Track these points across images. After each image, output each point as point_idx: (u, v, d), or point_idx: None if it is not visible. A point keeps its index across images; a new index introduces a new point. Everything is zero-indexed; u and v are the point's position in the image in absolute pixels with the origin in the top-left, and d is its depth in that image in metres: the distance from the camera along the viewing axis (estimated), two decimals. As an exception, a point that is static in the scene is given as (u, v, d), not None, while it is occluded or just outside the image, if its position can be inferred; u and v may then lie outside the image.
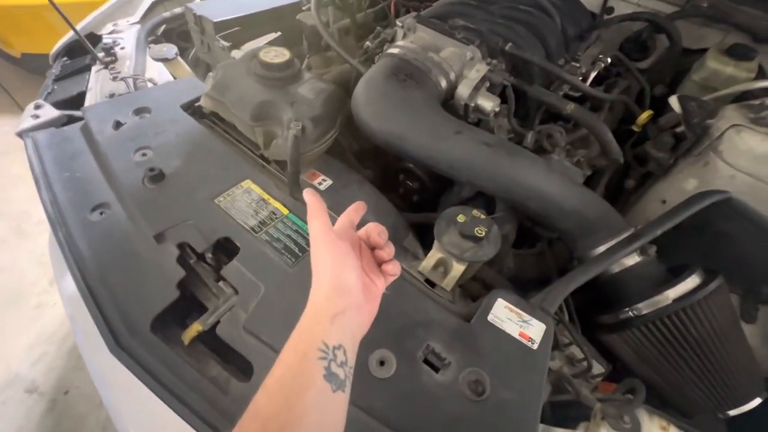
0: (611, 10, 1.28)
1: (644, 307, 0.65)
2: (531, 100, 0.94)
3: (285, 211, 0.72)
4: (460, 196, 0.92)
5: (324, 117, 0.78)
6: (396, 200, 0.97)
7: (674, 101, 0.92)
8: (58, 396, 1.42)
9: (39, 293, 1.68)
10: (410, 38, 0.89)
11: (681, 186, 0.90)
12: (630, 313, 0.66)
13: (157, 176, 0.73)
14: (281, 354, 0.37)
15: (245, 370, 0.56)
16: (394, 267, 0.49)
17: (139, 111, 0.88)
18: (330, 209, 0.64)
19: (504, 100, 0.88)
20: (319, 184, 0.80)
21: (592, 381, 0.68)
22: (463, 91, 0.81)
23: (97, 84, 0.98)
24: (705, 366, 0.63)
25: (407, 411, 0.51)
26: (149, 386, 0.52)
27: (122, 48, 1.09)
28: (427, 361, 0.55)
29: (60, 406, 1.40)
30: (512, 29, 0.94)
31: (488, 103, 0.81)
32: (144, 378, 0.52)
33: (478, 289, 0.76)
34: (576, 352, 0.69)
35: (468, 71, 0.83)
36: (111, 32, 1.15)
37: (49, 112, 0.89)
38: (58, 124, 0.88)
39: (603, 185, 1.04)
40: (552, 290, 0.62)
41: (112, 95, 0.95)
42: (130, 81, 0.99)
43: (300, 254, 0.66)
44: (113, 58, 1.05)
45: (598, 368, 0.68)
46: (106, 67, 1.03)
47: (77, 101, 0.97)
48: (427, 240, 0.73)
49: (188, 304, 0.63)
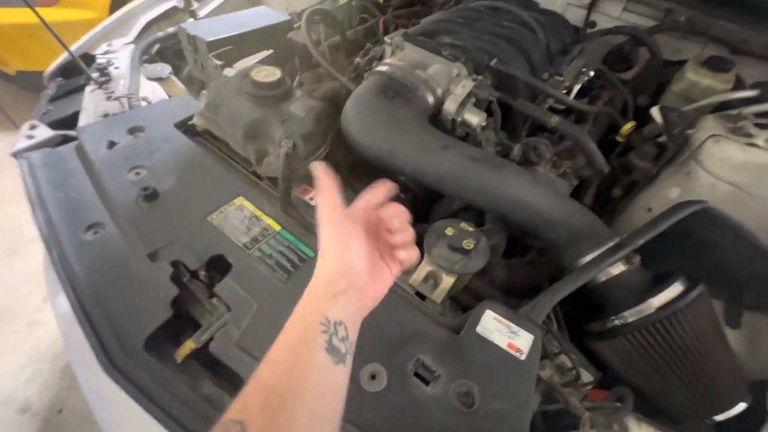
0: (594, 24, 1.33)
1: (630, 316, 0.66)
2: (517, 114, 0.96)
3: (277, 227, 0.73)
4: (451, 208, 0.94)
5: (315, 134, 0.80)
6: (388, 212, 0.98)
7: (656, 112, 0.95)
8: (52, 415, 1.41)
9: (32, 311, 1.67)
10: (398, 55, 0.92)
11: (665, 195, 0.92)
12: (616, 322, 0.68)
13: (151, 195, 0.74)
14: (284, 328, 0.37)
15: (239, 387, 0.56)
16: (407, 254, 0.47)
17: (133, 130, 0.89)
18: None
19: (490, 114, 0.90)
20: (311, 200, 0.81)
21: (583, 389, 0.70)
22: (450, 107, 0.83)
23: (92, 104, 1.00)
24: (690, 372, 0.64)
25: (399, 424, 0.52)
26: (143, 405, 0.52)
27: (116, 68, 1.11)
28: (418, 374, 0.56)
29: (53, 426, 1.39)
30: (497, 45, 0.98)
31: (474, 118, 0.83)
32: (138, 397, 0.53)
33: (470, 300, 0.77)
34: (566, 361, 0.70)
35: (454, 87, 0.85)
36: (105, 52, 1.17)
37: (44, 133, 0.90)
38: (53, 144, 0.90)
39: (592, 194, 1.06)
40: (539, 301, 0.63)
41: (107, 115, 0.96)
42: (125, 100, 1.00)
43: (292, 270, 0.67)
44: (107, 78, 1.07)
45: (589, 376, 0.70)
46: (101, 87, 1.04)
47: (72, 121, 0.98)
48: (420, 250, 0.74)
49: (182, 322, 0.64)
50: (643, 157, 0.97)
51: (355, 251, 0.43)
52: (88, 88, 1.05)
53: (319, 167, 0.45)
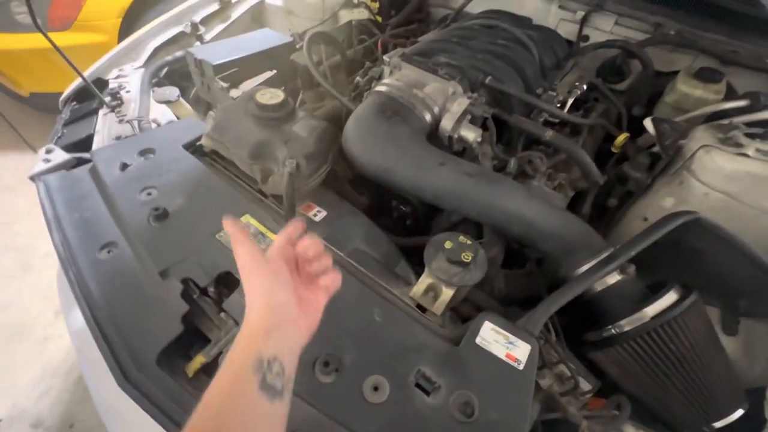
0: (586, 38, 1.36)
1: (626, 324, 0.68)
2: (513, 128, 0.99)
3: (282, 244, 0.76)
4: (450, 220, 0.97)
5: (317, 153, 0.84)
6: (390, 224, 1.01)
7: (648, 123, 0.98)
8: (63, 430, 1.43)
9: (44, 326, 1.71)
10: (396, 75, 0.96)
11: (660, 204, 0.94)
12: (613, 331, 0.69)
13: (162, 215, 0.78)
14: (217, 373, 0.39)
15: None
16: (328, 279, 0.50)
17: (144, 152, 0.93)
18: (325, 239, 0.68)
19: (486, 130, 0.93)
20: (315, 216, 0.84)
21: (582, 398, 0.71)
22: (447, 124, 0.87)
23: (105, 127, 1.04)
24: (686, 379, 0.65)
25: (401, 434, 0.54)
26: (156, 419, 0.55)
27: (128, 92, 1.16)
28: (419, 385, 0.58)
29: (64, 441, 1.41)
30: (491, 64, 1.01)
31: (470, 134, 0.87)
32: (151, 411, 0.55)
33: (470, 311, 0.79)
34: (565, 370, 0.71)
35: (450, 105, 0.89)
36: (117, 77, 1.22)
37: (60, 156, 0.95)
38: (68, 167, 0.94)
39: (589, 205, 1.08)
40: (536, 312, 0.65)
41: (119, 137, 1.00)
42: (135, 123, 1.05)
43: (297, 285, 0.69)
44: (119, 102, 1.12)
45: (588, 385, 0.71)
46: (113, 111, 1.09)
47: (86, 144, 1.02)
48: (422, 261, 0.76)
49: (192, 337, 0.66)
50: (637, 168, 1.00)
51: (281, 288, 0.45)
52: (101, 112, 1.10)
53: (227, 222, 0.48)
